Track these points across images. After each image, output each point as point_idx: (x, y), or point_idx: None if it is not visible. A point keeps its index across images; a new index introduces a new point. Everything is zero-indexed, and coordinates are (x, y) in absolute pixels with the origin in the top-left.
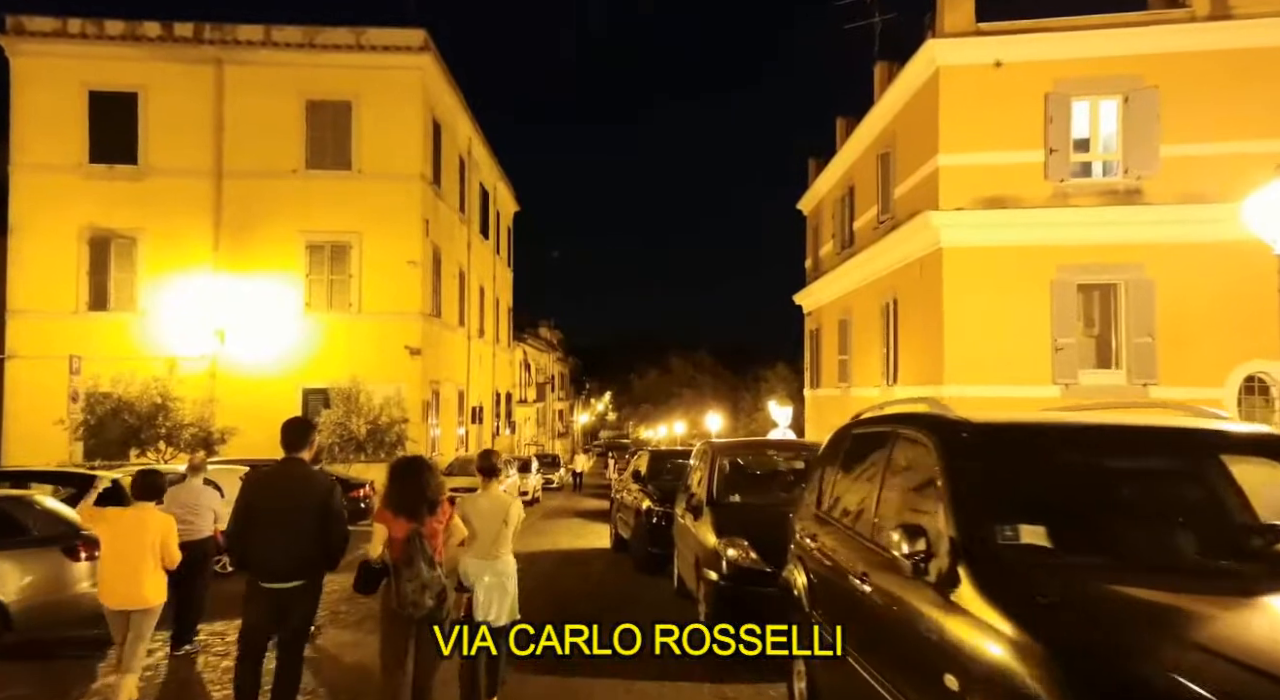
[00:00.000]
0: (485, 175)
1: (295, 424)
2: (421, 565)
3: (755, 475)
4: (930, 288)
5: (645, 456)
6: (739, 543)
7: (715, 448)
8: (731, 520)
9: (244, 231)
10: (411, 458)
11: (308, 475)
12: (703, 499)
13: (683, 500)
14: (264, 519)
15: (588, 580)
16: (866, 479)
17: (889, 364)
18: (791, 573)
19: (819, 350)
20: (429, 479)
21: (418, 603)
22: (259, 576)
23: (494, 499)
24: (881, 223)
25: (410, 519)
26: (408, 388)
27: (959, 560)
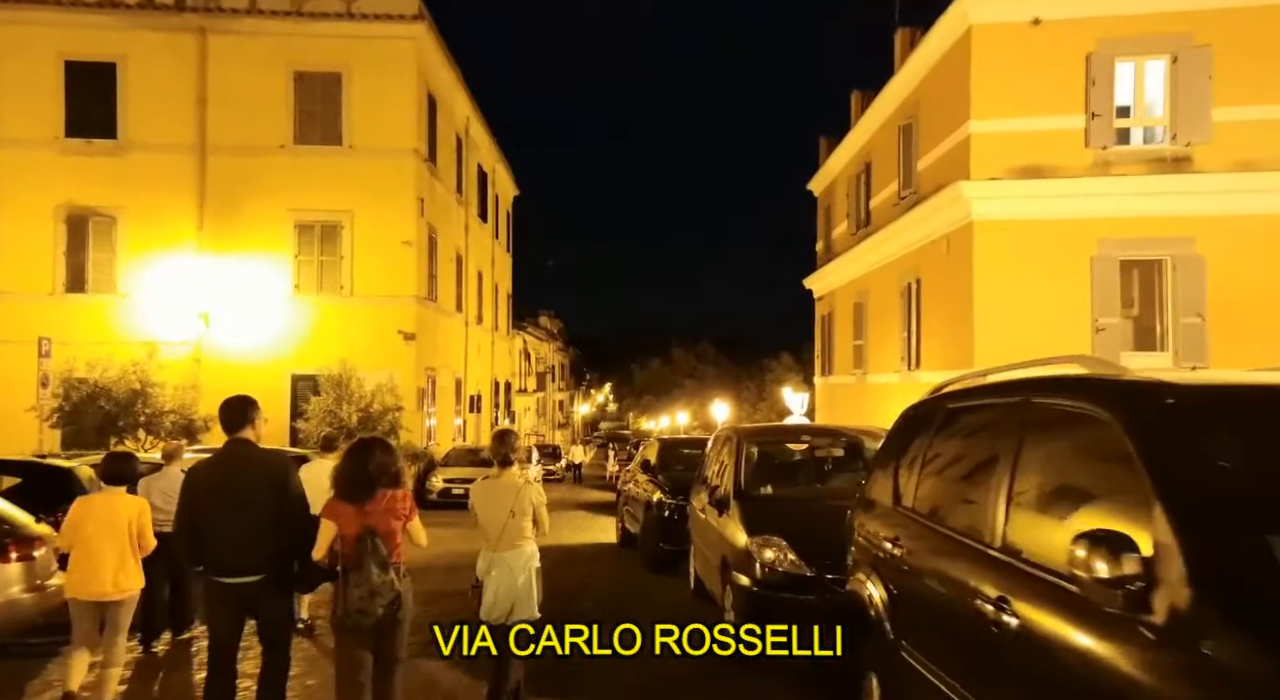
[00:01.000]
0: (484, 157)
1: (232, 402)
2: (372, 568)
3: (788, 464)
4: (958, 265)
5: (655, 445)
6: (775, 542)
7: (741, 434)
8: (765, 516)
9: (229, 210)
10: (365, 438)
11: (258, 456)
12: (729, 491)
13: (701, 492)
14: (214, 508)
15: (593, 579)
16: (980, 467)
17: (910, 348)
18: (862, 583)
19: (831, 336)
20: (378, 456)
21: (365, 611)
22: (214, 572)
23: (503, 487)
24: (902, 198)
25: (355, 502)
26: (401, 374)
27: (1208, 591)
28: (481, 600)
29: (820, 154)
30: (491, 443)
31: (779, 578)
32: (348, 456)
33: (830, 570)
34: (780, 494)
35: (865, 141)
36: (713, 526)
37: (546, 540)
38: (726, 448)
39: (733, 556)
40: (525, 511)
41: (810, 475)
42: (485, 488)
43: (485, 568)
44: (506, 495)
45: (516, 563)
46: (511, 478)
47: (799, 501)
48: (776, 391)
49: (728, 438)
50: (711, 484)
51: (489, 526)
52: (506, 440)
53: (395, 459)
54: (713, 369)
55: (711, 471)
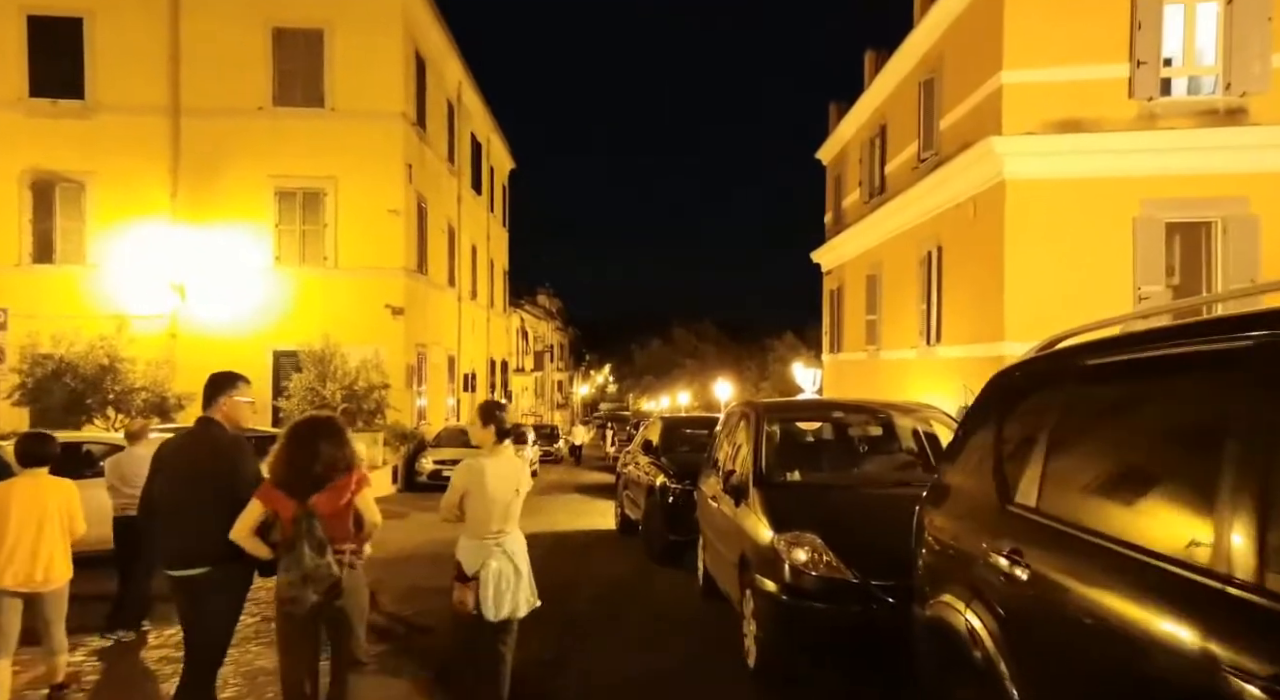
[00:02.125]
0: (478, 126)
1: (212, 377)
2: (305, 551)
3: (815, 445)
4: (987, 230)
5: (658, 424)
6: (808, 540)
7: (760, 410)
8: (794, 507)
9: (205, 176)
10: (314, 418)
11: (209, 439)
12: (747, 477)
13: (713, 477)
14: (167, 493)
15: (591, 571)
16: (1185, 450)
17: (929, 322)
18: (955, 610)
19: (840, 311)
20: (325, 450)
21: (296, 598)
22: (164, 562)
23: (505, 462)
24: (922, 161)
25: (293, 497)
26: (390, 351)
27: None
28: (479, 597)
29: (830, 121)
30: (480, 415)
31: (813, 584)
32: (288, 445)
33: (879, 576)
34: (809, 480)
35: (880, 103)
36: (727, 517)
37: (542, 524)
38: (742, 426)
39: (754, 555)
40: (524, 492)
41: (842, 458)
42: (488, 466)
43: (479, 558)
44: (512, 473)
45: (518, 548)
46: (511, 454)
47: (832, 490)
48: (779, 370)
49: (743, 414)
50: (725, 468)
51: (491, 508)
52: (499, 410)
53: (344, 448)
54: (714, 349)
55: (723, 453)
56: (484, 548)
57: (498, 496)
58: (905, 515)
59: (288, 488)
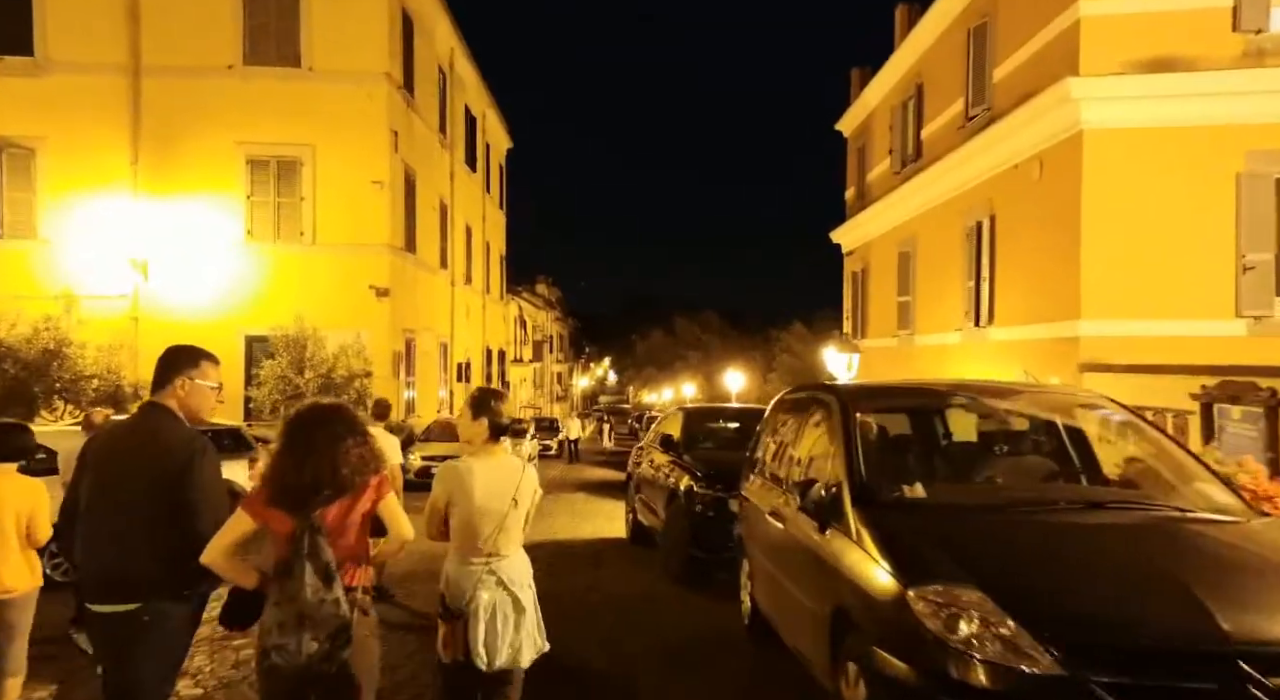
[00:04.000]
0: (472, 99)
1: (167, 351)
2: (305, 579)
3: (930, 447)
4: (1058, 190)
5: (678, 416)
6: (969, 599)
7: (845, 396)
8: (931, 543)
9: (169, 142)
10: (327, 408)
11: (158, 431)
12: (838, 491)
13: (757, 482)
14: (93, 502)
15: (601, 595)
16: None
17: (977, 301)
18: None
19: (865, 294)
20: (350, 448)
21: (284, 647)
22: (81, 592)
23: (498, 467)
24: (970, 119)
25: (293, 513)
26: (374, 336)
27: None
28: (467, 638)
29: (851, 89)
30: (471, 406)
31: (986, 676)
32: (295, 444)
33: (1100, 664)
34: (942, 499)
35: (915, 60)
36: (803, 546)
37: (540, 530)
38: (817, 418)
39: (866, 613)
40: (525, 503)
41: (974, 465)
42: (476, 469)
43: (468, 588)
44: (507, 478)
45: (519, 575)
46: (507, 456)
47: (984, 515)
48: (786, 361)
49: (815, 402)
50: (790, 477)
51: (481, 523)
52: (496, 400)
53: (369, 444)
54: (718, 340)
55: (768, 452)
56: (472, 575)
57: (489, 508)
58: (1122, 558)
59: (290, 502)
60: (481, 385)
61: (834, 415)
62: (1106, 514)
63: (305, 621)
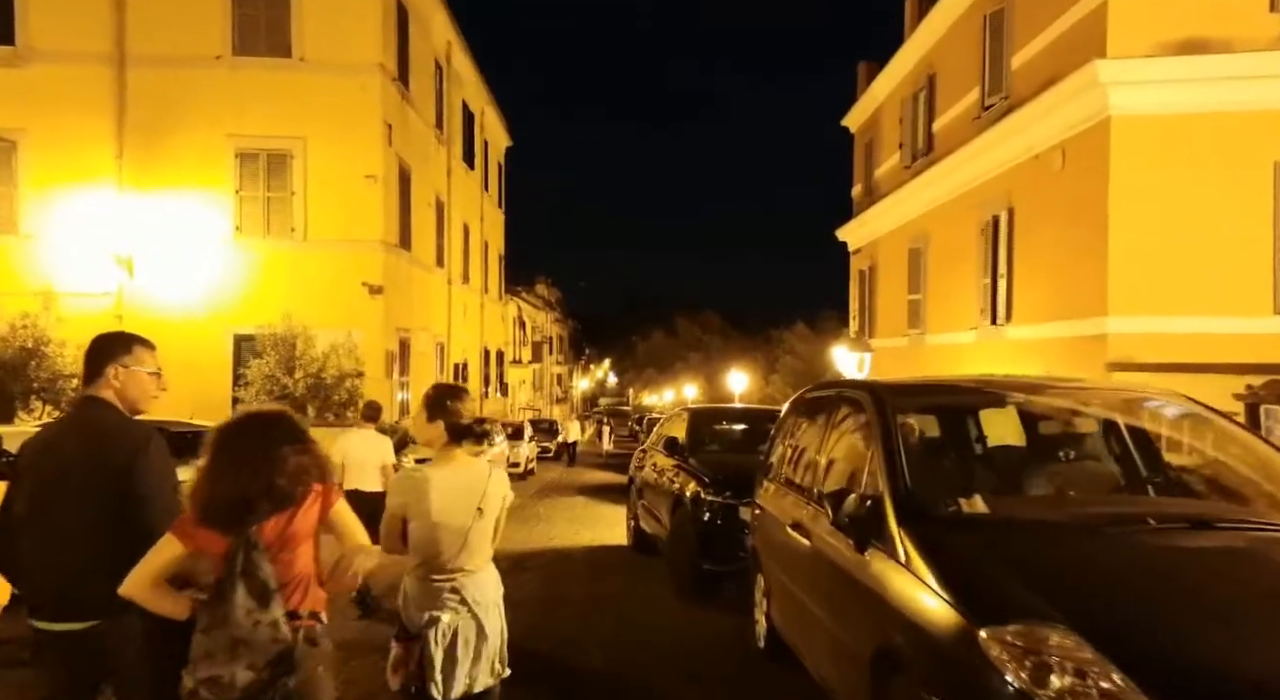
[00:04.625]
0: (470, 95)
1: (95, 340)
2: (237, 599)
3: (980, 450)
4: (1082, 181)
5: (683, 417)
6: (1059, 642)
7: (881, 394)
8: (1002, 569)
9: (156, 135)
10: (261, 415)
11: (97, 424)
12: (880, 505)
13: (772, 489)
14: (33, 509)
15: (600, 610)
16: None
17: (994, 298)
18: None
19: (873, 293)
20: (287, 457)
21: (216, 680)
22: (30, 610)
23: (462, 473)
24: (987, 108)
25: (227, 531)
26: (367, 335)
27: None
28: (423, 665)
29: (859, 83)
30: (426, 406)
31: None
32: (222, 455)
33: None
34: (1007, 515)
35: (927, 50)
36: (833, 565)
37: (536, 537)
38: (848, 419)
39: (918, 653)
40: (493, 512)
41: (1033, 473)
42: (433, 479)
43: (428, 607)
44: (469, 487)
45: (486, 593)
46: (472, 462)
47: (1061, 534)
48: (789, 363)
49: (845, 401)
50: (815, 486)
51: (440, 537)
52: (454, 399)
53: (309, 452)
54: (719, 340)
55: (786, 457)
56: (434, 593)
57: (449, 521)
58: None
59: (222, 519)
60: (438, 381)
61: (870, 416)
62: (1212, 535)
63: (239, 648)
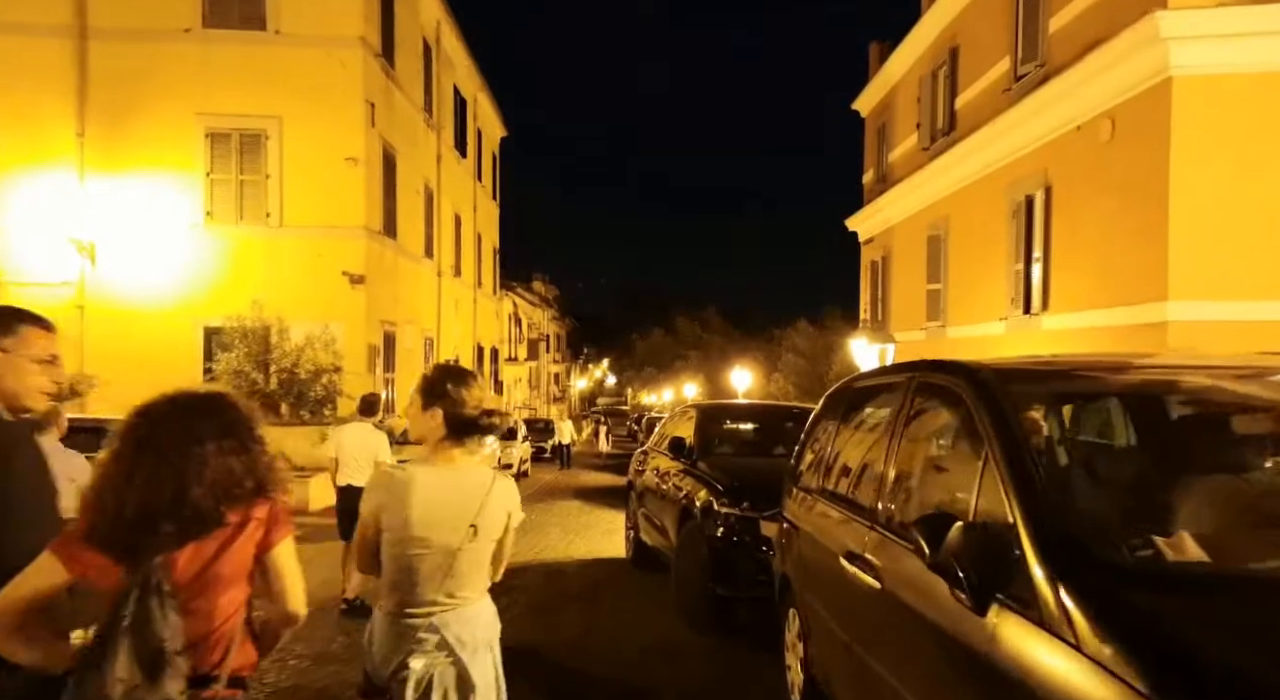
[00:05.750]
0: (462, 79)
1: None
2: (116, 670)
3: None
4: (1135, 152)
5: (691, 415)
6: None
7: (986, 379)
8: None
9: (120, 113)
10: (184, 399)
11: None
12: (1022, 543)
13: (833, 515)
14: None
15: (595, 645)
16: None
17: (1028, 284)
18: None
19: (886, 285)
20: (209, 457)
21: None
22: None
23: (457, 478)
24: (1020, 78)
25: (122, 559)
26: (347, 327)
27: None
28: None
29: (870, 65)
30: (422, 391)
31: None
32: (126, 453)
33: None
34: (1242, 567)
35: (950, 21)
36: (927, 624)
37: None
38: (935, 417)
39: None
40: (494, 532)
41: (1231, 494)
42: (418, 482)
43: (396, 651)
44: (465, 495)
45: (475, 633)
46: (468, 463)
47: None
48: (792, 361)
49: (922, 388)
50: (877, 505)
51: (419, 560)
52: (457, 384)
53: (251, 452)
54: (719, 339)
55: (823, 462)
56: (404, 633)
57: (432, 538)
58: None
59: (115, 542)
60: (440, 363)
61: (975, 410)
62: None
63: None
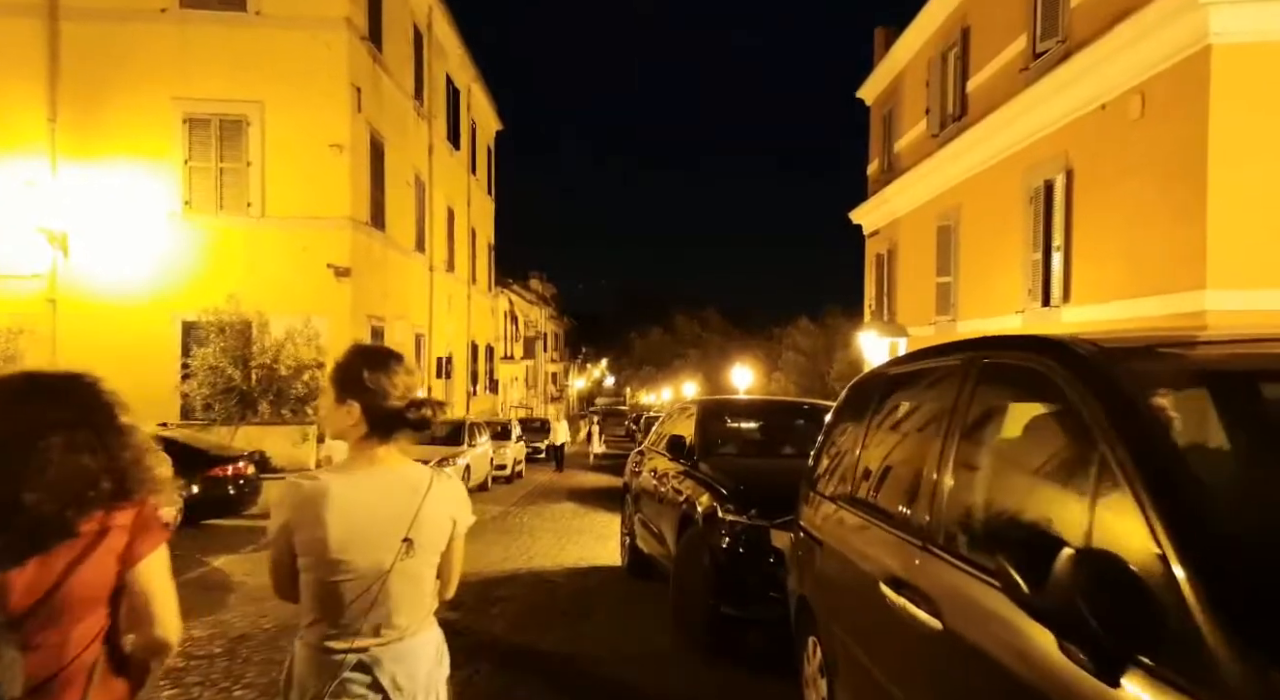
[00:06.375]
0: (455, 69)
1: None
2: None
3: None
4: (1167, 129)
5: (693, 411)
6: None
7: (1090, 356)
8: None
9: (94, 98)
10: (14, 376)
11: None
12: (1181, 578)
13: (865, 525)
14: None
15: (587, 672)
16: None
17: (1046, 275)
18: None
19: (892, 279)
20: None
21: None
22: None
23: (383, 483)
24: (1038, 57)
25: None
26: (333, 322)
27: None
28: None
29: (875, 51)
30: (334, 380)
31: None
32: None
33: None
34: None
35: (961, 0)
36: (1019, 686)
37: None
38: (1008, 409)
39: None
40: (436, 543)
41: None
42: (334, 493)
43: (317, 691)
44: (395, 503)
45: (411, 673)
46: (399, 464)
47: None
48: (792, 359)
49: (991, 371)
50: (927, 520)
51: (341, 585)
52: (375, 369)
53: (112, 447)
54: (719, 337)
55: (850, 462)
56: (326, 671)
57: (357, 559)
58: None
59: None
60: (357, 344)
61: (1081, 397)
62: None
63: None
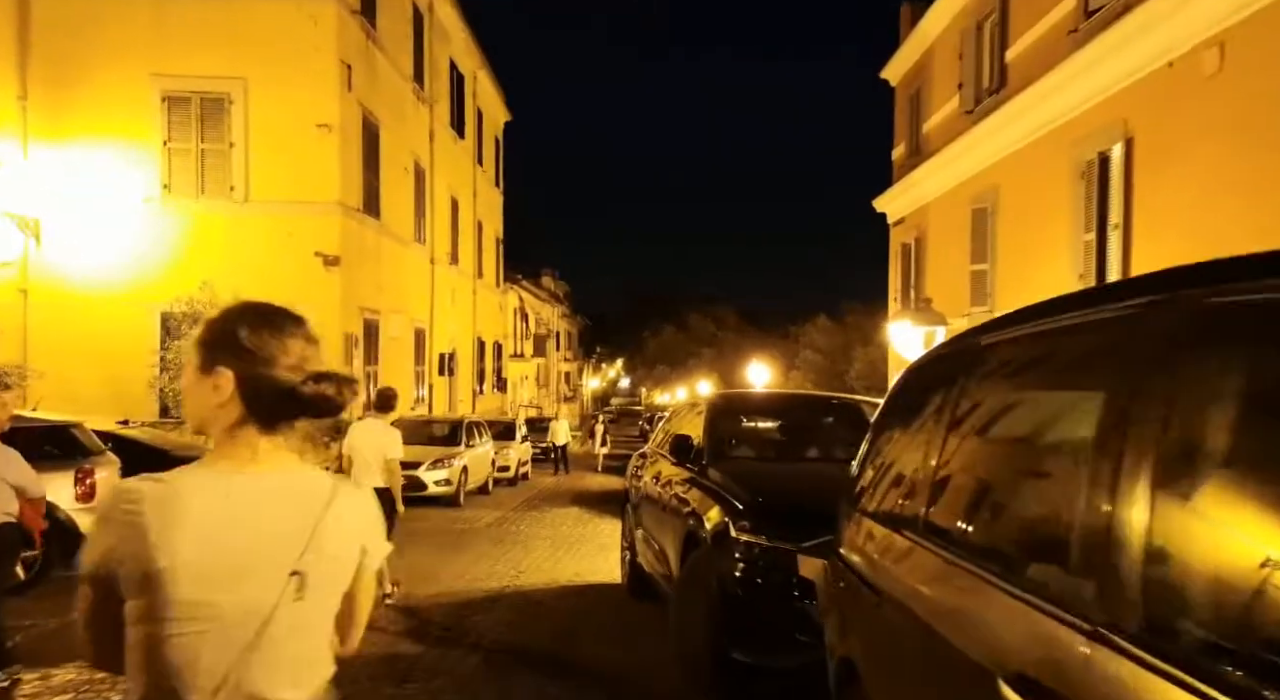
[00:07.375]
0: (460, 54)
1: None
2: None
3: None
4: (1253, 83)
5: (703, 410)
6: None
7: None
8: None
9: (66, 75)
10: None
11: None
12: None
13: (950, 568)
14: None
15: None
16: None
17: (1100, 257)
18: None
19: (920, 268)
20: None
21: None
22: None
23: (266, 489)
24: (1090, 15)
25: None
26: (322, 313)
27: None
28: None
29: (900, 28)
30: (201, 344)
31: None
32: None
33: None
34: None
35: None
36: None
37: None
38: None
39: None
40: (336, 580)
41: None
42: (197, 500)
43: None
44: (281, 524)
45: None
46: (288, 464)
47: None
48: (810, 358)
49: (1247, 321)
50: (1115, 591)
51: (195, 640)
52: (257, 330)
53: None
54: (734, 335)
55: (914, 472)
56: None
57: (222, 599)
58: None
59: None
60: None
61: None
62: None
63: None
